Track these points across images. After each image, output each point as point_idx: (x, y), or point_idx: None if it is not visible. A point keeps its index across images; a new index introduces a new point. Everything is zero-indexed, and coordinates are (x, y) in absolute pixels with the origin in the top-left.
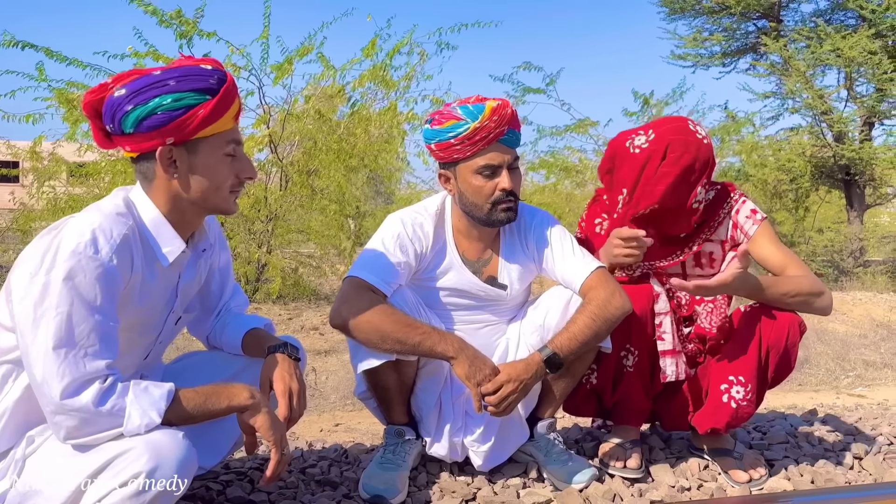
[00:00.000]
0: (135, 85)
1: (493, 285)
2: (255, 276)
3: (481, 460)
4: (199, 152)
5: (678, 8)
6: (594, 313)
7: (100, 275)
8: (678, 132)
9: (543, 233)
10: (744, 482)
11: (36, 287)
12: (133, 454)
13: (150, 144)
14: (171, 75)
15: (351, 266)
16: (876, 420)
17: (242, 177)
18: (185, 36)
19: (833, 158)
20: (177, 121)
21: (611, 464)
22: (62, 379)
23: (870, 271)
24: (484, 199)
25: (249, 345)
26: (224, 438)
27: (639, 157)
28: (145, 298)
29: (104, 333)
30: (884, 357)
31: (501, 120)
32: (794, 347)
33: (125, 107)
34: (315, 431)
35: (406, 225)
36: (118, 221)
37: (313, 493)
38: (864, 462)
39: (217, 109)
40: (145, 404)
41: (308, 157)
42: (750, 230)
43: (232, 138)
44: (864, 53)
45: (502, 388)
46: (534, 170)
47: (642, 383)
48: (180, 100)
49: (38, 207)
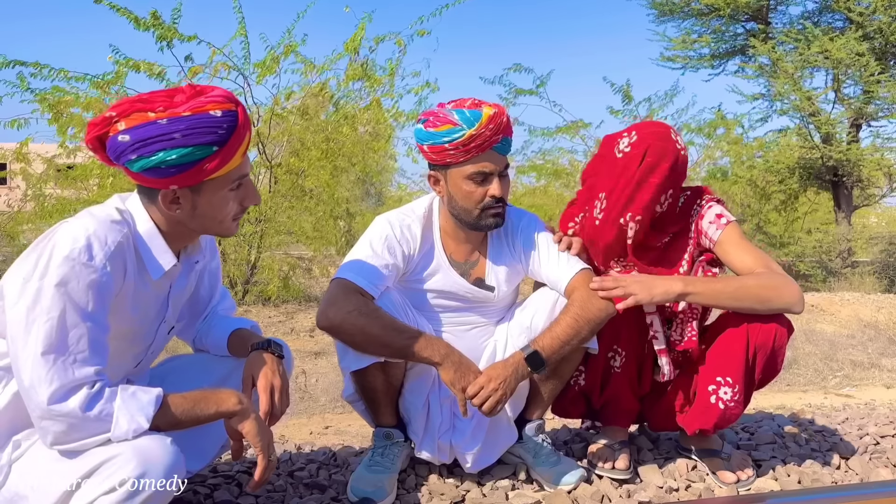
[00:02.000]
0: (139, 134)
1: (481, 287)
2: (244, 278)
3: (470, 462)
4: (203, 193)
5: (667, 10)
6: (576, 314)
7: (93, 281)
8: (659, 138)
9: (530, 235)
10: (731, 482)
11: (29, 292)
12: (120, 460)
13: (154, 185)
14: (177, 127)
15: (339, 268)
16: (863, 420)
17: (246, 205)
18: (164, 38)
19: (821, 160)
20: (183, 174)
21: (599, 465)
22: (50, 384)
23: (858, 272)
24: (474, 205)
25: (235, 345)
26: (210, 442)
27: (619, 161)
28: (137, 307)
29: (94, 340)
30: (871, 357)
31: (497, 128)
32: (781, 349)
33: (129, 154)
34: (304, 434)
35: (394, 227)
36: (113, 228)
37: (301, 496)
38: (850, 462)
39: (225, 158)
40: (133, 409)
41: (296, 158)
42: (714, 235)
43: (237, 176)
44: (851, 55)
45: (483, 389)
46: (524, 173)
47: (629, 384)
48: (187, 155)
49: (27, 209)
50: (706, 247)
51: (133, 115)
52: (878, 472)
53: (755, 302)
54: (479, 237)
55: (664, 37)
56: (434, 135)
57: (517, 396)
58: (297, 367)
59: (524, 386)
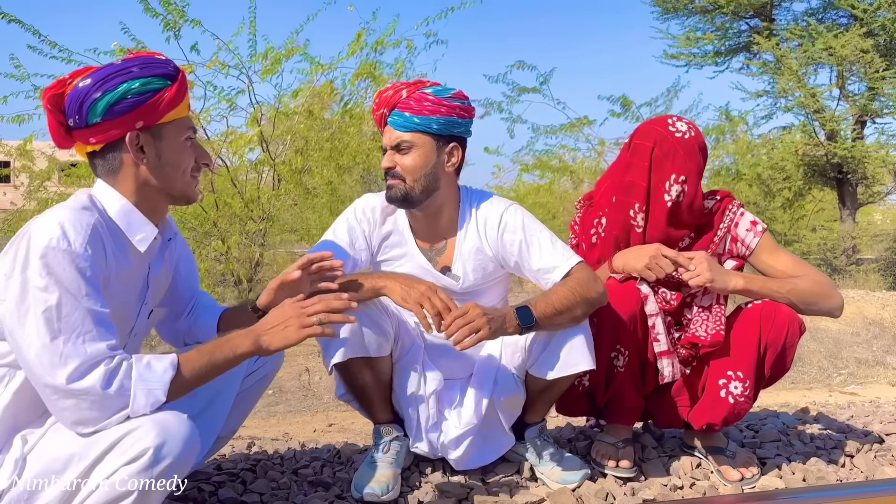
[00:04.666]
0: (99, 74)
1: (447, 275)
2: (248, 275)
3: (454, 457)
4: (163, 137)
5: (671, 7)
6: (574, 288)
7: (78, 264)
8: (652, 122)
9: (513, 224)
10: (736, 480)
11: (14, 287)
12: (140, 432)
13: (117, 132)
14: (133, 63)
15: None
16: (867, 418)
17: (201, 161)
18: (172, 27)
19: (825, 157)
20: (146, 104)
21: (603, 463)
22: (66, 365)
23: (862, 269)
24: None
25: (228, 321)
26: (208, 432)
27: (619, 155)
28: (118, 290)
29: (98, 318)
30: (876, 355)
31: (382, 103)
32: (792, 347)
33: (93, 94)
34: (308, 432)
35: (357, 209)
36: (84, 214)
37: (306, 493)
38: (855, 460)
39: (179, 93)
40: (151, 382)
41: (300, 157)
42: (752, 243)
43: (189, 125)
44: (856, 52)
45: (462, 315)
46: (527, 171)
47: (633, 383)
48: (147, 84)
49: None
50: (741, 254)
51: (89, 70)
52: (883, 470)
53: (802, 304)
54: (444, 223)
55: (668, 34)
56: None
57: (512, 404)
58: (300, 364)
59: (519, 394)
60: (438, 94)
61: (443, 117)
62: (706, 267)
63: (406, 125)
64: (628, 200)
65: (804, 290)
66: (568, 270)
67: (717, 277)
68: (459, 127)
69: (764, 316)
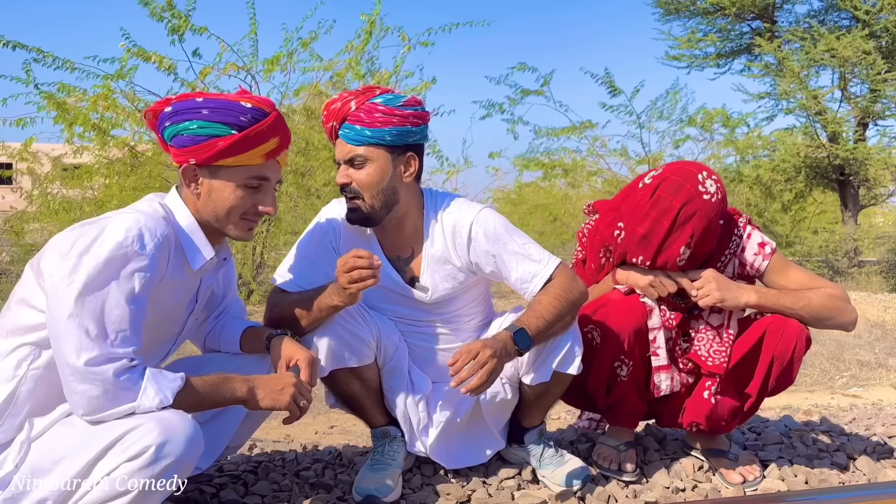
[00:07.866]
0: (178, 106)
1: (416, 287)
2: (251, 276)
3: (439, 459)
4: (218, 177)
5: (673, 9)
6: (558, 295)
7: (141, 268)
8: (682, 174)
9: (486, 230)
10: (738, 483)
11: (64, 268)
12: (143, 429)
13: (180, 159)
14: (207, 105)
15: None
16: (870, 420)
17: (261, 208)
18: (177, 31)
19: (827, 159)
20: (200, 144)
21: (605, 465)
22: (91, 350)
23: (864, 271)
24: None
25: (248, 340)
26: (219, 440)
27: (638, 192)
28: (167, 296)
29: (134, 323)
30: (878, 357)
31: (331, 115)
32: (798, 360)
33: (165, 122)
34: (310, 434)
35: (322, 217)
36: (161, 223)
37: (307, 495)
38: (858, 462)
39: (239, 144)
40: (161, 384)
41: (302, 158)
42: (761, 266)
43: (258, 174)
44: (858, 53)
45: (474, 358)
46: (526, 168)
47: (637, 390)
48: (205, 128)
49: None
50: (750, 275)
51: (184, 97)
52: (885, 473)
53: (815, 319)
54: (409, 231)
55: (669, 36)
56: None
57: (499, 406)
58: None
59: (505, 397)
60: (389, 104)
61: (395, 128)
62: (715, 287)
63: (358, 139)
64: (636, 252)
65: (818, 305)
66: (549, 276)
67: (727, 296)
68: (414, 135)
69: (772, 330)
